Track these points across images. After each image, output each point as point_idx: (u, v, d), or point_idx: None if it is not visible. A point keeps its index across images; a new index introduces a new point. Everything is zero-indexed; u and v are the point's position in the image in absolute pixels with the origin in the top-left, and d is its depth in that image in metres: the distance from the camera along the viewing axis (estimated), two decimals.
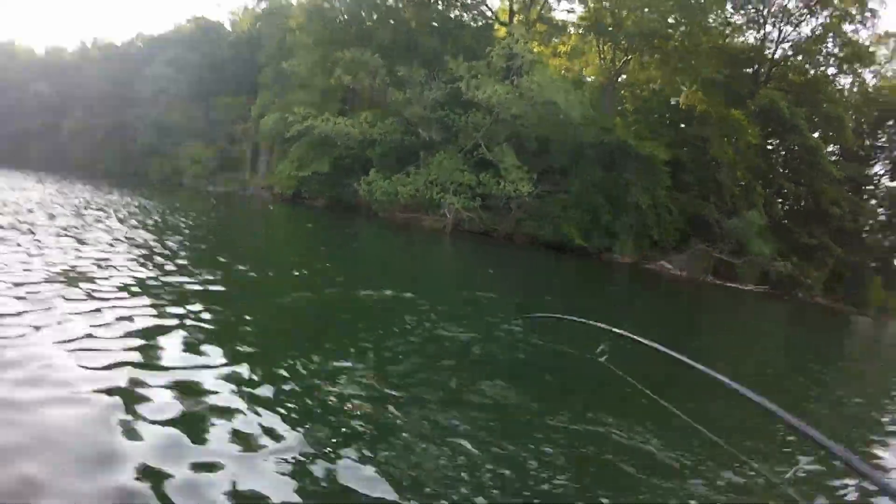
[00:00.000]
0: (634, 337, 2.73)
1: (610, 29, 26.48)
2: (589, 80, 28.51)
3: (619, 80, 28.00)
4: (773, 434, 3.62)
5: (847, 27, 35.03)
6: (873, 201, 32.55)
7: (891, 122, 37.25)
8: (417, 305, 6.04)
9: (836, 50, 35.27)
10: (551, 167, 23.31)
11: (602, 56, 28.51)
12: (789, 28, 35.72)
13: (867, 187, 32.73)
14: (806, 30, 35.19)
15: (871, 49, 37.29)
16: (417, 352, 4.26)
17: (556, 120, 23.80)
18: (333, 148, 26.25)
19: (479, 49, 25.51)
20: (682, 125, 25.92)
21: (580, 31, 29.46)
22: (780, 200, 27.43)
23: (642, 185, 22.09)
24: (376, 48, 25.85)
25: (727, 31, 32.94)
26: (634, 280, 19.92)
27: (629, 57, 28.15)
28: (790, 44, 35.22)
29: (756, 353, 9.05)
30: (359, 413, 2.82)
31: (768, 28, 35.52)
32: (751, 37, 34.77)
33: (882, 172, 34.20)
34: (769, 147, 28.19)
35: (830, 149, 30.68)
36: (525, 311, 6.74)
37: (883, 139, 36.11)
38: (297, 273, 7.20)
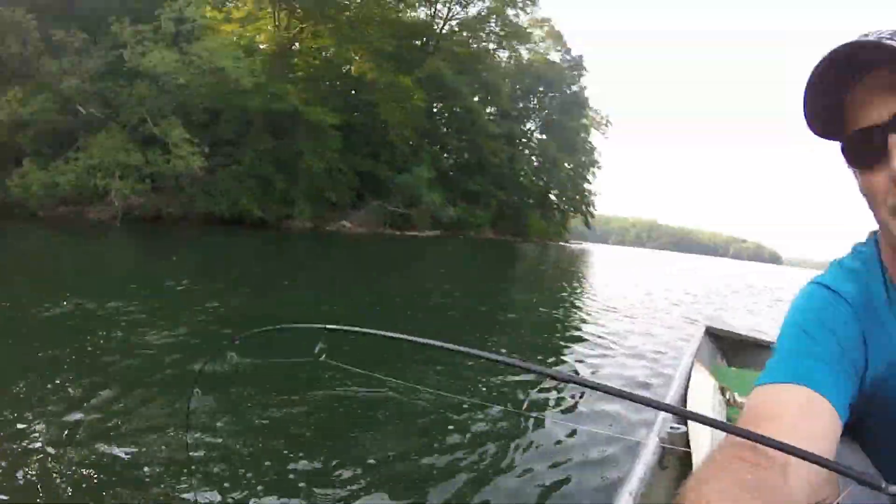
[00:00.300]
0: (345, 328, 2.63)
1: None
2: (262, 47, 27.99)
3: (293, 47, 28.17)
4: (479, 370, 3.92)
5: (510, 11, 42.13)
6: (527, 151, 40.42)
7: (541, 89, 46.56)
8: (100, 314, 4.89)
9: (497, 29, 42.19)
10: (221, 139, 22.34)
11: (277, 23, 28.24)
12: (458, 8, 41.12)
13: (522, 140, 40.38)
14: (473, 10, 41.09)
15: (528, 30, 45.72)
16: (119, 376, 3.31)
17: (225, 88, 22.87)
18: None
19: (145, 11, 22.64)
20: (353, 91, 27.57)
21: None
22: (445, 155, 31.84)
23: (314, 150, 22.85)
24: (30, 7, 20.73)
25: (400, 6, 36.17)
26: (315, 243, 20.66)
27: (304, 25, 28.54)
28: (457, 21, 40.78)
29: (450, 286, 9.87)
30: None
31: (439, 6, 40.37)
32: (422, 13, 39.02)
33: (533, 128, 42.87)
34: (434, 110, 32.20)
35: (490, 110, 36.72)
36: (217, 296, 6.25)
37: (534, 102, 45.08)
38: None
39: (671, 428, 1.19)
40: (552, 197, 43.40)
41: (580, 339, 5.68)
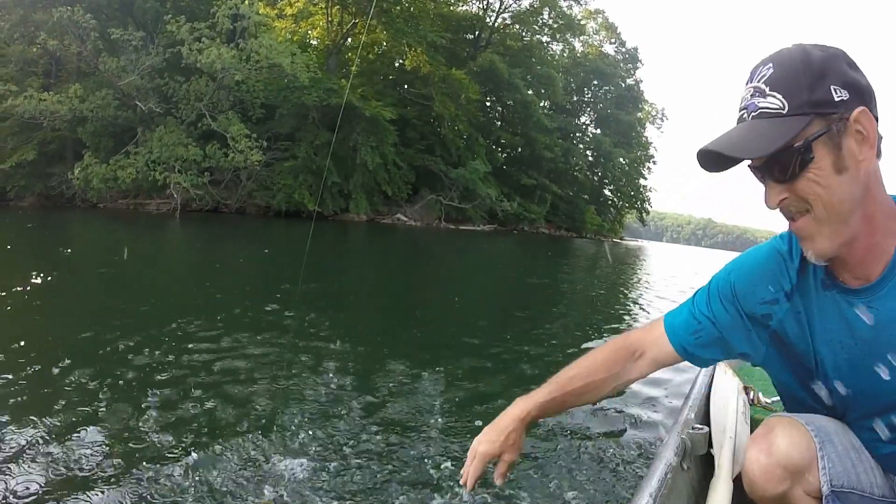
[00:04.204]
0: None
1: None
2: (315, 42, 28.02)
3: (346, 43, 28.07)
4: None
5: (562, 3, 40.92)
6: (581, 146, 38.99)
7: (595, 82, 44.99)
8: (173, 313, 4.46)
9: (550, 21, 40.99)
10: (278, 133, 22.42)
11: (330, 19, 28.24)
12: (510, 0, 40.44)
13: (577, 134, 38.98)
14: (525, 2, 40.10)
15: (581, 22, 44.32)
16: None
17: (281, 84, 22.97)
18: (38, 131, 21.21)
19: (200, 10, 23.09)
20: (407, 85, 27.17)
21: None
22: (499, 149, 30.95)
23: (370, 144, 22.57)
24: (87, 7, 21.56)
25: (452, 0, 35.68)
26: (372, 235, 20.32)
27: (356, 20, 28.40)
28: (510, 14, 39.87)
29: (493, 283, 9.55)
30: None
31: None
32: (474, 6, 38.37)
33: (588, 122, 41.34)
34: (488, 103, 31.39)
35: (543, 104, 35.57)
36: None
37: (588, 95, 43.56)
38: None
39: (693, 428, 1.17)
40: (607, 192, 41.81)
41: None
